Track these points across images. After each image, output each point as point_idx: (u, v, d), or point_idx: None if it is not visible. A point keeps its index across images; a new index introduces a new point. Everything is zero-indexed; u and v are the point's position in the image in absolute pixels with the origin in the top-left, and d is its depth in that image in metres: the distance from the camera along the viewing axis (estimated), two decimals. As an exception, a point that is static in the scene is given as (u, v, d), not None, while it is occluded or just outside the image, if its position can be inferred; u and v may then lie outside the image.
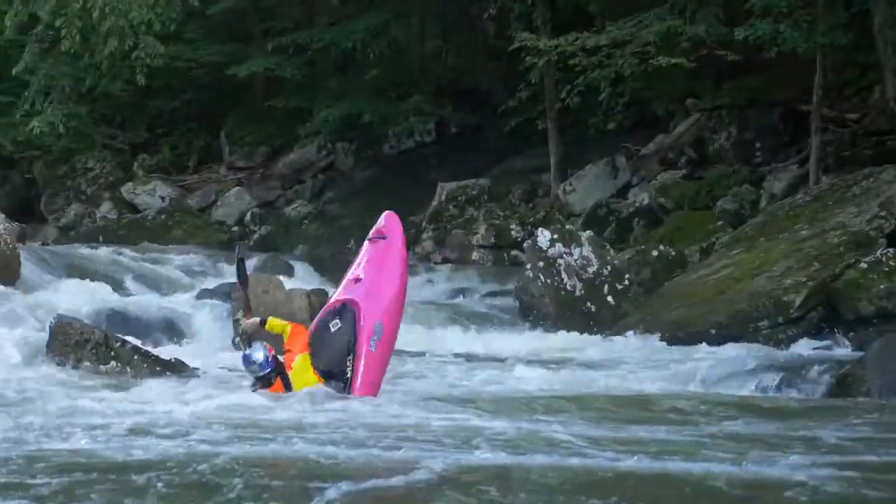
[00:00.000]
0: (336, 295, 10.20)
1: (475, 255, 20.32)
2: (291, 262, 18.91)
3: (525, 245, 16.24)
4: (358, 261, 10.36)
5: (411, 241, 21.59)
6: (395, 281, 10.15)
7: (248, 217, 24.93)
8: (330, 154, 25.73)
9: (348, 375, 9.51)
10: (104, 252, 19.54)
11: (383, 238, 10.47)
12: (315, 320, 10.12)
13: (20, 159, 28.91)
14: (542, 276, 15.09)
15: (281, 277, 14.93)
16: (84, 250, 20.06)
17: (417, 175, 23.72)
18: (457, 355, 12.57)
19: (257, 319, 9.95)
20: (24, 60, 23.71)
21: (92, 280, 16.15)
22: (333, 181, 25.58)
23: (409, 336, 14.37)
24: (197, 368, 10.96)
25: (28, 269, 15.70)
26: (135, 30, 22.11)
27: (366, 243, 10.51)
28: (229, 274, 16.97)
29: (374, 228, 10.62)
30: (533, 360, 12.00)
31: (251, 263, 17.77)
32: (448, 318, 15.21)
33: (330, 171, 25.80)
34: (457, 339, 14.09)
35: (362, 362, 9.55)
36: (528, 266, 15.42)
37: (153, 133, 28.49)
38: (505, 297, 16.34)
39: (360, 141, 25.49)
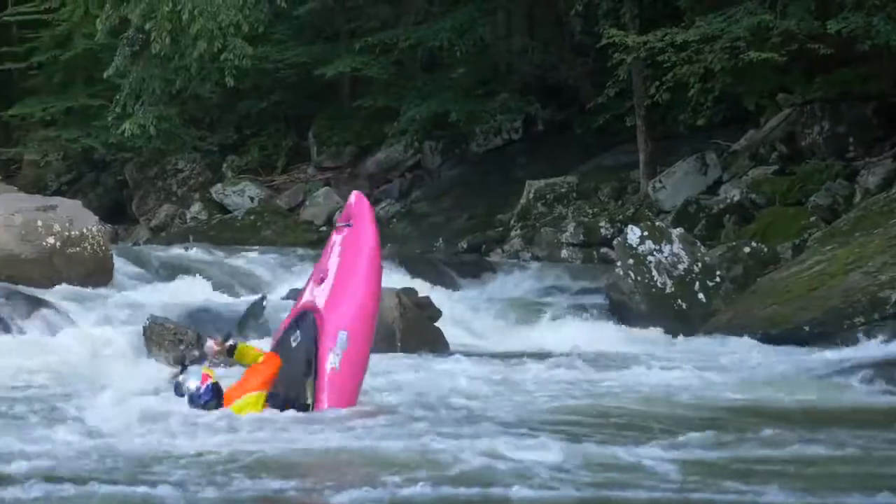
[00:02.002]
0: (299, 300, 8.83)
1: (564, 253, 20.22)
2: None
3: (615, 242, 16.14)
4: (324, 254, 8.98)
5: (499, 240, 21.58)
6: (365, 278, 8.72)
7: (336, 216, 24.98)
8: (417, 153, 25.76)
9: (307, 401, 8.28)
10: (195, 252, 19.69)
11: (348, 225, 8.88)
12: (277, 334, 8.89)
13: (112, 161, 29.29)
14: (632, 274, 14.98)
15: (371, 277, 14.92)
16: (175, 251, 20.24)
17: (505, 173, 23.67)
18: (547, 354, 12.48)
19: (224, 344, 8.53)
20: (115, 64, 23.94)
21: (183, 280, 16.28)
22: (421, 180, 25.62)
23: (498, 335, 14.45)
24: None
25: (121, 270, 15.87)
26: (223, 32, 22.24)
27: (332, 232, 9.16)
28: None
29: (342, 213, 9.22)
30: (627, 359, 11.90)
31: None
32: (538, 316, 15.15)
33: (417, 169, 25.84)
34: (547, 337, 14.03)
35: (325, 385, 8.23)
36: (618, 263, 15.32)
37: (242, 134, 28.69)
38: (595, 294, 16.23)
39: (447, 139, 25.49)
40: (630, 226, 15.88)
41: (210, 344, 8.61)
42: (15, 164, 31.07)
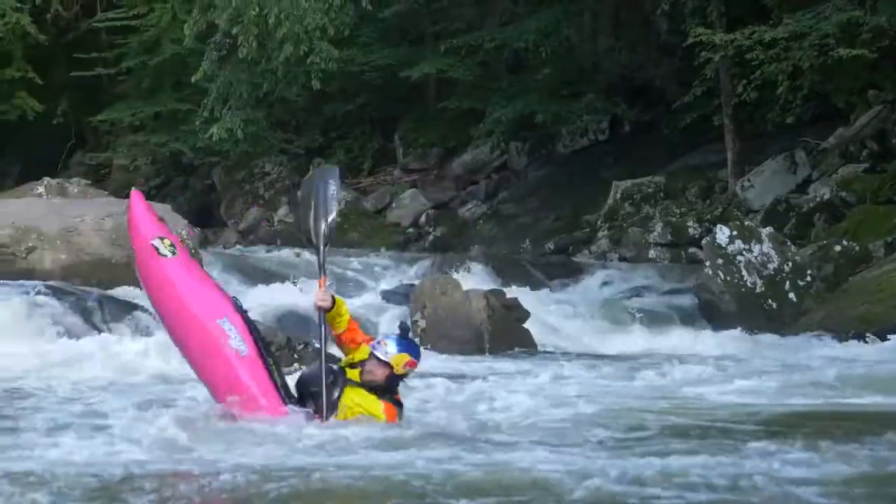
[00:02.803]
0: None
1: (652, 253, 20.11)
2: (467, 262, 18.94)
3: (703, 242, 16.04)
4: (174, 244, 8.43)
5: (586, 241, 21.49)
6: None
7: (422, 218, 25.06)
8: (503, 154, 25.73)
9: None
10: (283, 255, 19.79)
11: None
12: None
13: (200, 165, 29.54)
14: (721, 274, 14.90)
15: (458, 278, 14.97)
16: (263, 253, 20.37)
17: (591, 173, 23.57)
18: (637, 356, 12.40)
19: (329, 295, 7.76)
20: (202, 68, 24.10)
21: (272, 283, 16.36)
22: (507, 181, 25.57)
23: (587, 336, 14.39)
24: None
25: (210, 273, 15.91)
26: (309, 35, 22.31)
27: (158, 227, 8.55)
28: (409, 275, 17.06)
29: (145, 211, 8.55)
30: (719, 360, 11.77)
31: (421, 267, 17.75)
32: (627, 317, 15.09)
33: (503, 171, 25.80)
34: (636, 338, 13.98)
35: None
36: (707, 263, 15.24)
37: (328, 137, 28.79)
38: (684, 295, 16.12)
39: (533, 140, 25.43)
40: (719, 225, 15.79)
41: (326, 295, 7.73)
42: (105, 168, 31.41)
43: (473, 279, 16.85)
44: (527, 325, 13.84)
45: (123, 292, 14.11)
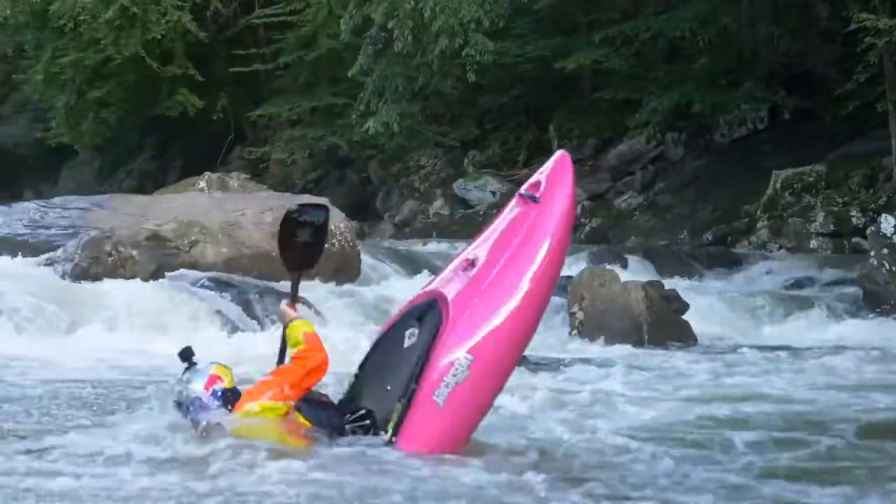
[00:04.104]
0: (432, 281, 6.62)
1: (813, 244, 19.80)
2: (624, 254, 18.79)
3: (868, 232, 15.74)
4: (492, 227, 6.51)
5: (745, 231, 21.17)
6: (528, 278, 6.20)
7: (578, 210, 24.95)
8: (659, 145, 25.47)
9: (387, 435, 6.18)
10: (439, 247, 19.84)
11: (534, 199, 6.36)
12: (389, 321, 6.63)
13: (356, 159, 29.80)
14: (887, 264, 14.57)
15: (615, 270, 14.86)
16: (419, 246, 20.45)
17: (750, 163, 23.21)
18: (802, 349, 12.16)
19: (294, 307, 6.71)
20: (358, 62, 24.31)
21: (428, 275, 16.39)
22: (663, 172, 25.33)
23: (749, 328, 14.17)
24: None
25: (368, 265, 16.06)
26: (464, 28, 22.37)
27: (513, 201, 6.53)
28: (565, 267, 16.97)
29: (532, 179, 6.45)
30: (889, 354, 11.46)
31: (577, 259, 17.66)
32: (789, 308, 14.84)
33: (660, 161, 25.55)
34: (800, 330, 13.75)
35: (415, 421, 6.14)
36: (872, 253, 14.92)
37: (482, 129, 28.85)
38: (847, 285, 15.80)
39: (689, 130, 25.14)
40: (884, 215, 15.46)
41: (283, 307, 6.77)
42: (263, 163, 31.87)
43: (630, 270, 16.71)
44: (686, 316, 13.67)
45: (283, 285, 14.25)
